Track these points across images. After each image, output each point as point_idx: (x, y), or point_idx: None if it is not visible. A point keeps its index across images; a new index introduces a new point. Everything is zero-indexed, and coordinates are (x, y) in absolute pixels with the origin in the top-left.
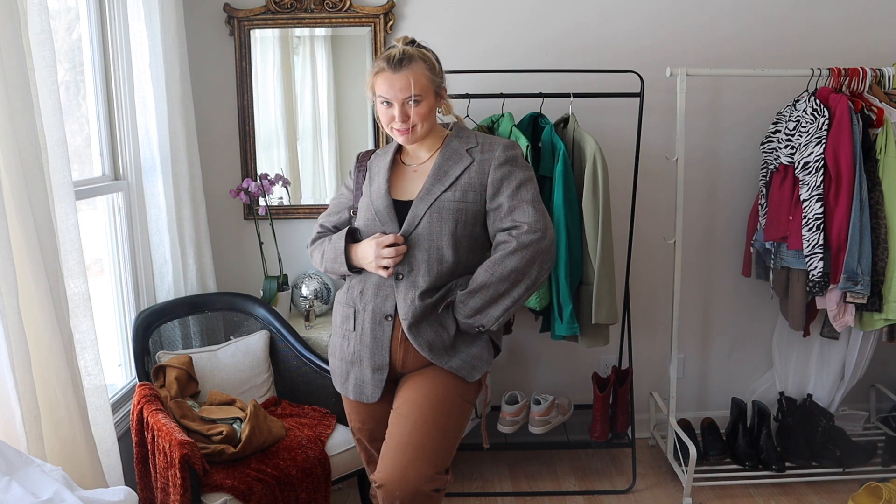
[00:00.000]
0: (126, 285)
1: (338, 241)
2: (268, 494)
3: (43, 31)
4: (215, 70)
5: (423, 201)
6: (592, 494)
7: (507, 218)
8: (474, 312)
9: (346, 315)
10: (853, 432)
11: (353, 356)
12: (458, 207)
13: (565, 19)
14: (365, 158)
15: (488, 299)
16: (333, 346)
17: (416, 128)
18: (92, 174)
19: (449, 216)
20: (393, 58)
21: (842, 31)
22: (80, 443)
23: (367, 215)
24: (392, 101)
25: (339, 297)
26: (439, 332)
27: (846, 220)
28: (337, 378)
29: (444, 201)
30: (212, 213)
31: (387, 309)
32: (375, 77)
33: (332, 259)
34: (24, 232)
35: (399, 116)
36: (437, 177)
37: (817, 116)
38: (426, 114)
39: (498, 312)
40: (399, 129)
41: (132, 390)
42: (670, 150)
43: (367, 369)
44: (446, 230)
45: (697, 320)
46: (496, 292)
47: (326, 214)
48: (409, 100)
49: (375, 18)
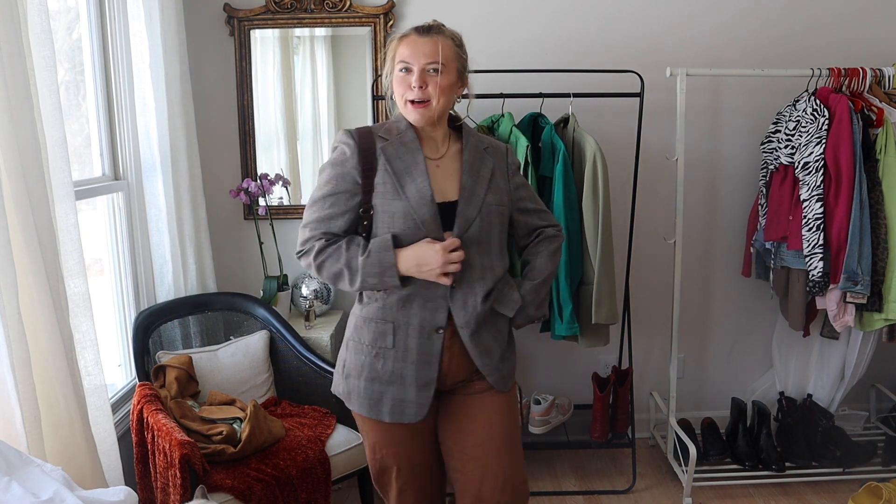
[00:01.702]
0: (126, 285)
1: (383, 253)
2: (268, 494)
3: (43, 31)
4: (215, 70)
5: (470, 204)
6: (592, 494)
7: (542, 218)
8: (541, 302)
9: (380, 332)
10: (853, 432)
11: (391, 375)
12: (501, 211)
13: (565, 19)
14: (371, 144)
15: (548, 286)
16: (358, 366)
17: (431, 102)
18: (92, 174)
19: (496, 219)
20: (422, 26)
21: (841, 30)
22: (80, 443)
23: (406, 222)
24: (413, 65)
25: (368, 313)
26: (496, 338)
27: (846, 220)
28: (363, 401)
29: (490, 204)
30: (212, 213)
31: (437, 321)
32: (399, 43)
33: (375, 273)
34: (24, 232)
35: (417, 81)
36: (473, 176)
37: (817, 116)
38: (446, 88)
39: (547, 297)
40: (414, 101)
41: (132, 390)
42: (670, 150)
43: (410, 388)
44: (494, 233)
45: (697, 320)
46: (548, 283)
47: (324, 219)
48: (431, 67)
49: (375, 18)
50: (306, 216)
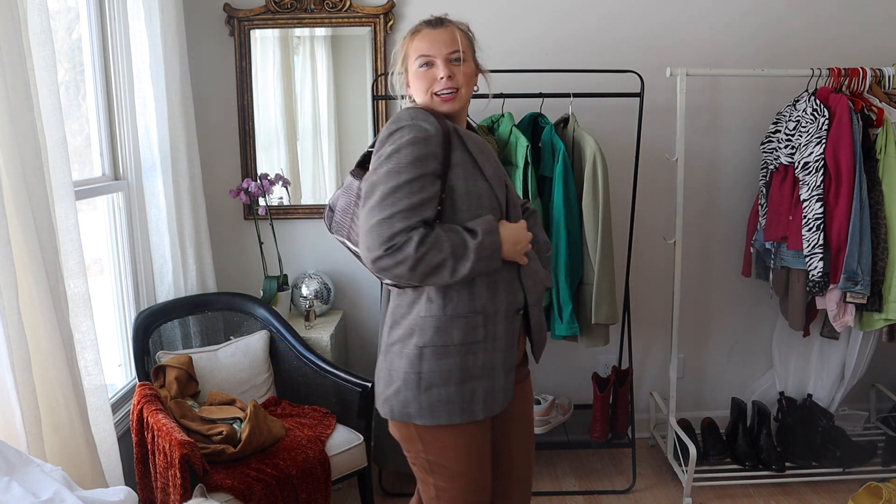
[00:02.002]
0: (126, 285)
1: (493, 234)
2: (268, 494)
3: (43, 31)
4: (215, 70)
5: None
6: (592, 494)
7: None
8: None
9: (471, 326)
10: (853, 432)
11: (483, 369)
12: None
13: (565, 19)
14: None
15: None
16: (444, 372)
17: (460, 91)
18: (92, 174)
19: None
20: (430, 20)
21: (842, 30)
22: (80, 443)
23: (491, 203)
24: (435, 57)
25: (455, 310)
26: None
27: (846, 220)
28: (454, 406)
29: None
30: (212, 213)
31: (518, 301)
32: (412, 38)
33: (486, 257)
34: (24, 232)
35: (444, 71)
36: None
37: (817, 116)
38: (469, 76)
39: None
40: (444, 91)
41: (132, 390)
42: (670, 150)
43: (499, 376)
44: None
45: (697, 320)
46: None
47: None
48: (453, 55)
49: (375, 18)
50: (386, 207)
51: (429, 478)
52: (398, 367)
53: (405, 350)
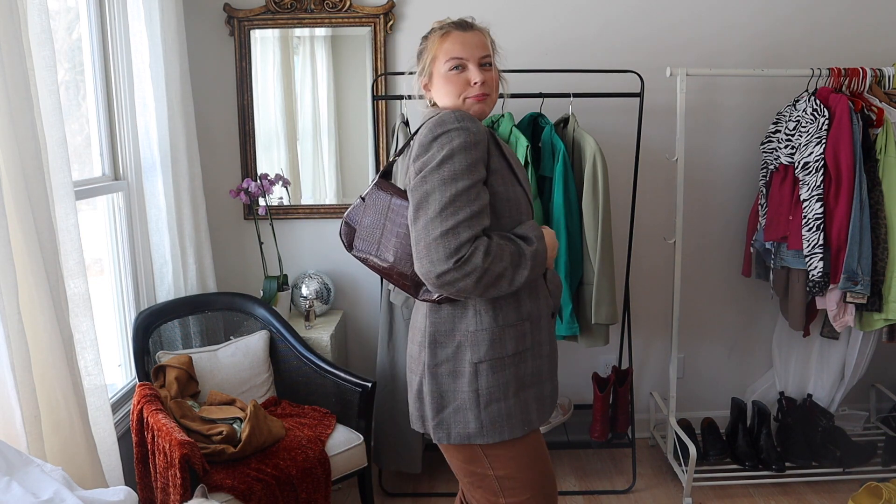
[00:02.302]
0: (126, 285)
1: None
2: (268, 494)
3: (43, 31)
4: (215, 70)
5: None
6: (592, 494)
7: None
8: None
9: (520, 334)
10: (853, 432)
11: (532, 376)
12: None
13: (565, 19)
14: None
15: None
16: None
17: (491, 94)
18: (92, 174)
19: None
20: (458, 22)
21: (842, 31)
22: (80, 443)
23: (527, 208)
24: (468, 60)
25: (505, 319)
26: None
27: (846, 220)
28: (515, 421)
29: None
30: (212, 213)
31: (552, 305)
32: (443, 40)
33: (540, 264)
34: (24, 232)
35: (479, 76)
36: None
37: (817, 116)
38: (497, 81)
39: None
40: (478, 94)
41: (132, 390)
42: (670, 150)
43: (546, 382)
44: None
45: (697, 320)
46: None
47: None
48: (484, 60)
49: (375, 18)
50: (448, 217)
51: (500, 499)
52: (452, 388)
53: (458, 368)
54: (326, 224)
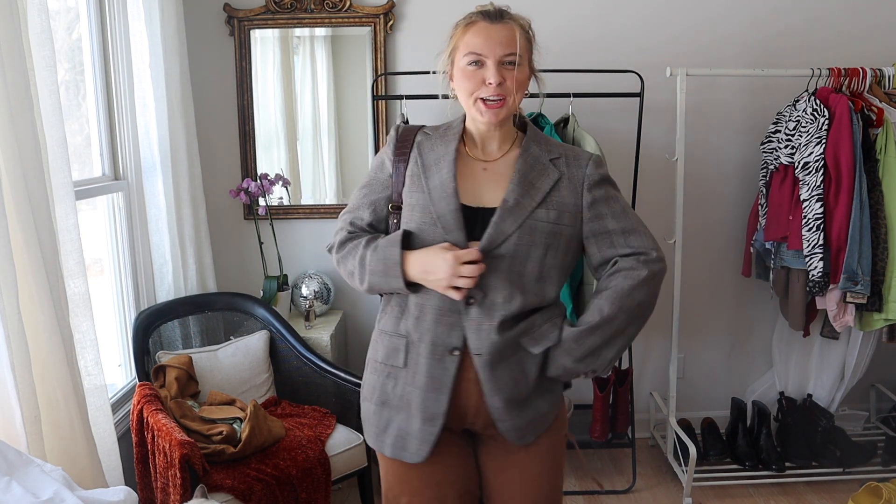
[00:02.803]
0: (126, 285)
1: (389, 248)
2: (268, 494)
3: (43, 31)
4: (215, 70)
5: (511, 215)
6: (592, 494)
7: (621, 243)
8: (588, 354)
9: (393, 347)
10: (853, 432)
11: (400, 400)
12: (553, 231)
13: (565, 19)
14: (410, 135)
15: (608, 337)
16: (370, 388)
17: (507, 100)
18: (92, 174)
19: (541, 239)
20: (490, 10)
21: (842, 30)
22: (80, 443)
23: (423, 217)
24: (487, 57)
25: (384, 325)
26: (518, 380)
27: (846, 220)
28: (371, 428)
29: (538, 220)
30: (212, 213)
31: (452, 341)
32: (465, 30)
33: (379, 272)
34: (24, 232)
35: (495, 77)
36: (524, 187)
37: (817, 116)
38: (523, 83)
39: (612, 353)
40: (490, 99)
41: (132, 390)
42: (670, 150)
43: (415, 418)
44: (535, 256)
45: (697, 320)
46: (617, 329)
47: (354, 209)
48: (508, 58)
49: (375, 18)
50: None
51: None
52: None
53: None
54: (326, 224)
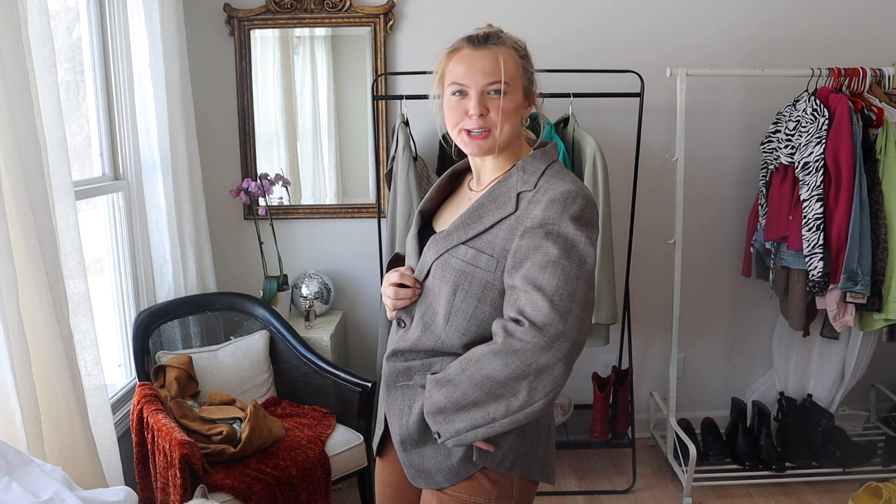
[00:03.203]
0: (126, 285)
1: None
2: (268, 494)
3: (43, 31)
4: (215, 70)
5: (435, 246)
6: (592, 494)
7: (513, 304)
8: (436, 410)
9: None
10: (853, 432)
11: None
12: (462, 270)
13: (565, 19)
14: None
15: (455, 402)
16: None
17: (492, 132)
18: (92, 174)
19: (450, 277)
20: (477, 35)
21: (842, 31)
22: (80, 443)
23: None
24: (469, 87)
25: None
26: (402, 412)
27: (846, 220)
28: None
29: (453, 256)
30: (212, 213)
31: None
32: (449, 58)
33: None
34: (24, 232)
35: (476, 108)
36: (468, 219)
37: (817, 116)
38: (511, 112)
39: (462, 425)
40: (472, 131)
41: (132, 390)
42: (670, 150)
43: (380, 414)
44: (443, 294)
45: (697, 320)
46: (464, 397)
47: None
48: (492, 87)
49: (375, 18)
50: None
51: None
52: None
53: None
54: (326, 224)
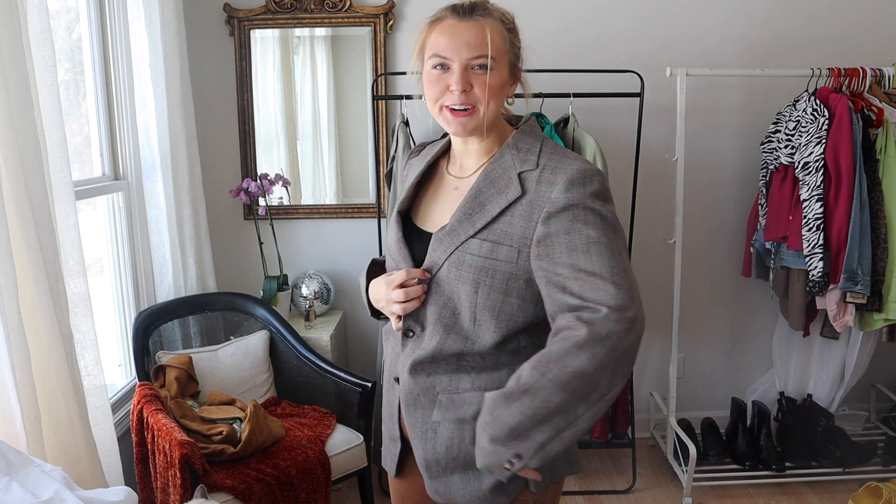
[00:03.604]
0: (126, 285)
1: (361, 277)
2: (268, 494)
3: (43, 31)
4: (215, 70)
5: (442, 244)
6: (592, 494)
7: (570, 291)
8: (507, 433)
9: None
10: (853, 432)
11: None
12: (481, 266)
13: (565, 19)
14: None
15: (533, 413)
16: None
17: (477, 108)
18: (92, 174)
19: (468, 275)
20: (462, 4)
21: (842, 30)
22: (80, 443)
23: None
24: (451, 60)
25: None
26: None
27: (846, 220)
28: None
29: (467, 252)
30: (212, 213)
31: (396, 370)
32: (431, 29)
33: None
34: (24, 232)
35: (458, 84)
36: (469, 209)
37: (817, 116)
38: (496, 89)
39: (546, 437)
40: (454, 107)
41: (132, 390)
42: (670, 150)
43: (386, 435)
44: (463, 293)
45: (697, 320)
46: (546, 406)
47: None
48: (476, 62)
49: (375, 18)
50: None
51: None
52: None
53: None
54: (326, 224)
